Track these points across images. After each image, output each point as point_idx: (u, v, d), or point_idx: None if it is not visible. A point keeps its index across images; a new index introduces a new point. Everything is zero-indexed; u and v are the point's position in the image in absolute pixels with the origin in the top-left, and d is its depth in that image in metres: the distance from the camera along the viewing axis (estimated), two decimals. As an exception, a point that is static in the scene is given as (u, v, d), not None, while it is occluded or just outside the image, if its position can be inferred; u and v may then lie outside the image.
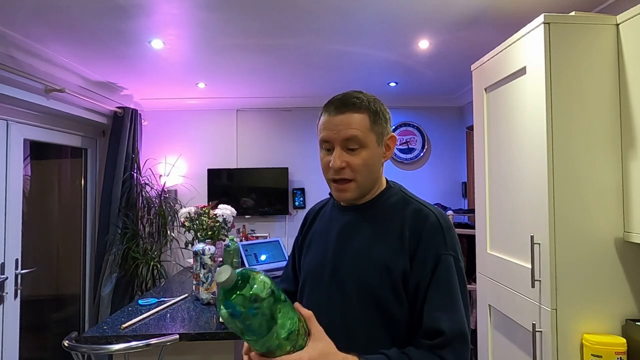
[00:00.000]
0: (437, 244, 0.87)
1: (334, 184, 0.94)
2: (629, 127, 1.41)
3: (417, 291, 0.86)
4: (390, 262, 0.87)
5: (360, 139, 0.90)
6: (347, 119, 0.90)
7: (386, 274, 0.87)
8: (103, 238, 3.41)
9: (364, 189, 0.94)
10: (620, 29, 1.44)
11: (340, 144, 0.90)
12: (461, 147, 4.05)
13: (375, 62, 2.91)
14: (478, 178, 2.01)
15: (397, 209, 0.94)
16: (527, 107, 1.56)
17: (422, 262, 0.86)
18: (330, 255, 0.95)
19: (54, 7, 1.97)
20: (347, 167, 0.90)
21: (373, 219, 0.95)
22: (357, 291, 0.89)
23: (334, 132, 0.90)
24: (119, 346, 1.53)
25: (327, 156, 0.93)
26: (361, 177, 0.92)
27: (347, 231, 0.96)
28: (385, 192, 0.98)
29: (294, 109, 4.05)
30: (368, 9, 2.05)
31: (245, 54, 2.69)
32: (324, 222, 1.04)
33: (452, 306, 0.84)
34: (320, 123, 0.94)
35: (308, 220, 1.10)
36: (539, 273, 1.46)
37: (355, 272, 0.90)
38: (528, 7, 2.01)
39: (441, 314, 0.82)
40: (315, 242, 1.03)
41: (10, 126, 2.65)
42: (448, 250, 0.87)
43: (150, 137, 3.97)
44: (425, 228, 0.89)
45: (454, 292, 0.85)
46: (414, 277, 0.86)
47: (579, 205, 1.42)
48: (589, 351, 1.36)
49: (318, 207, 1.11)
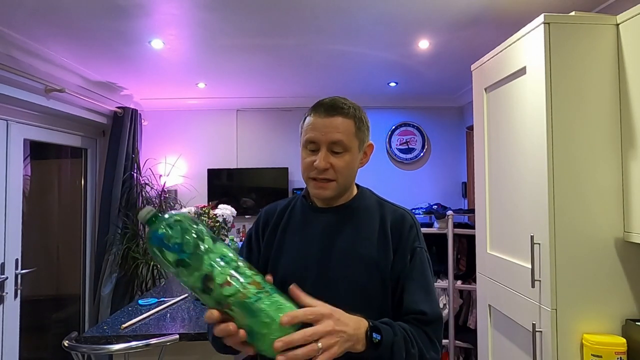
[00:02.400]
0: (412, 239, 0.99)
1: (313, 182, 0.97)
2: (629, 127, 1.41)
3: (398, 280, 0.95)
4: (377, 258, 0.95)
5: (345, 143, 0.95)
6: (336, 122, 0.94)
7: (375, 270, 0.94)
8: (103, 238, 3.41)
9: (341, 189, 0.99)
10: (620, 29, 1.44)
11: (326, 146, 0.94)
12: (461, 147, 4.05)
13: (375, 62, 2.91)
14: (478, 178, 2.01)
15: (374, 210, 1.02)
16: (527, 107, 1.56)
17: (402, 255, 0.97)
18: (315, 256, 0.97)
19: (54, 7, 1.97)
20: (330, 168, 0.95)
21: (354, 220, 1.00)
22: (348, 289, 0.93)
23: (322, 133, 0.94)
24: (119, 346, 1.53)
25: (311, 156, 0.96)
26: (342, 179, 0.97)
27: (330, 231, 0.99)
28: (361, 195, 1.06)
29: (294, 109, 4.04)
30: (368, 9, 2.05)
31: (245, 54, 2.69)
32: (295, 224, 1.03)
33: (429, 291, 0.95)
34: (307, 124, 0.98)
35: (269, 221, 1.07)
36: (539, 273, 1.46)
37: (345, 271, 0.94)
38: (528, 7, 2.01)
39: (421, 298, 0.93)
40: (289, 242, 1.01)
41: (10, 126, 2.65)
42: (420, 244, 1.00)
43: (150, 137, 3.97)
44: (404, 226, 0.99)
45: (429, 280, 0.97)
46: (396, 269, 0.96)
47: (579, 205, 1.42)
48: (589, 351, 1.36)
49: (280, 208, 1.08)
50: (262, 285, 0.72)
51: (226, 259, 0.71)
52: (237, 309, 0.69)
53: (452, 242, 3.04)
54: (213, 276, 0.68)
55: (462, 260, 3.20)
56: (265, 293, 0.72)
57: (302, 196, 1.08)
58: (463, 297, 3.19)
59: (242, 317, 0.69)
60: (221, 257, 0.71)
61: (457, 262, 3.17)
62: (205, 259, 0.69)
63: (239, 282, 0.70)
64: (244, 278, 0.71)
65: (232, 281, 0.69)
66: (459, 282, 3.08)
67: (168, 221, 0.69)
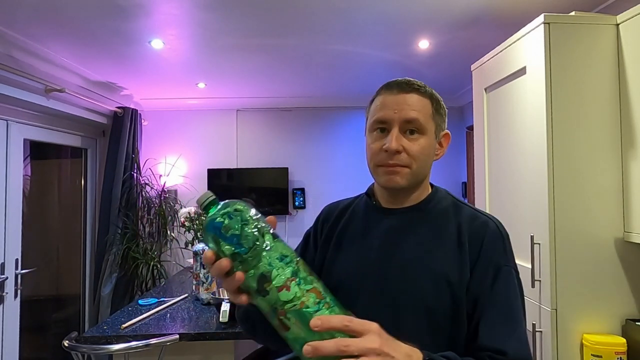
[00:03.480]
0: (498, 254, 0.80)
1: (382, 168, 0.82)
2: (629, 127, 1.41)
3: (475, 306, 0.76)
4: (450, 273, 0.77)
5: (421, 123, 0.81)
6: (411, 99, 0.82)
7: (446, 287, 0.77)
8: (103, 238, 3.41)
9: (415, 180, 0.83)
10: (620, 29, 1.44)
11: (399, 125, 0.80)
12: (461, 147, 4.05)
13: (375, 62, 2.91)
14: (478, 178, 2.01)
15: (450, 214, 0.84)
16: (527, 107, 1.56)
17: (482, 273, 0.77)
18: (374, 263, 0.82)
19: (54, 7, 1.97)
20: (403, 152, 0.80)
21: (424, 224, 0.84)
22: (411, 306, 0.77)
23: (395, 111, 0.80)
24: (119, 346, 1.53)
25: (380, 139, 0.82)
26: (416, 166, 0.81)
27: (393, 236, 0.83)
28: (434, 195, 0.88)
29: (294, 109, 4.05)
30: (368, 9, 2.05)
31: (245, 54, 2.69)
32: (357, 224, 0.89)
33: (515, 324, 0.75)
34: (376, 104, 0.84)
35: (330, 218, 0.94)
36: (539, 273, 1.46)
37: (410, 284, 0.78)
38: (528, 7, 2.01)
39: (503, 333, 0.73)
40: (347, 245, 0.88)
41: (10, 126, 2.65)
42: (509, 262, 0.80)
43: (150, 137, 3.97)
44: (487, 237, 0.80)
45: (516, 309, 0.77)
46: (473, 290, 0.77)
47: (579, 205, 1.42)
48: (589, 351, 1.36)
49: (342, 206, 0.95)
50: (323, 295, 0.64)
51: (286, 260, 0.64)
52: (294, 317, 0.61)
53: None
54: (271, 277, 0.62)
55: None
56: (326, 304, 0.62)
57: (366, 194, 0.94)
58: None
59: (297, 328, 0.61)
60: (281, 256, 0.64)
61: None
62: (264, 256, 0.63)
63: (298, 287, 0.62)
64: (304, 284, 0.63)
65: (291, 285, 0.62)
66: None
67: (228, 209, 0.64)
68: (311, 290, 0.63)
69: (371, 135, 0.84)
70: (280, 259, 0.63)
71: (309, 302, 0.61)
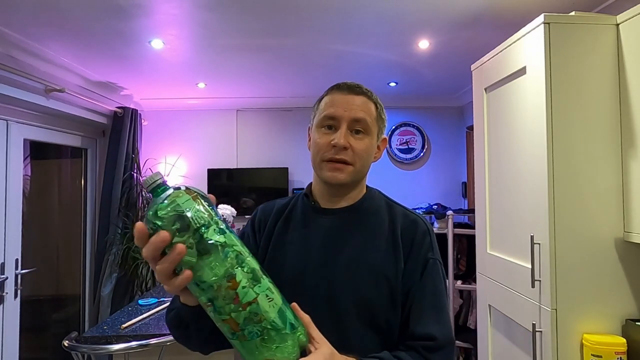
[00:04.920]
0: (426, 248, 0.87)
1: (328, 164, 0.86)
2: (629, 127, 1.41)
3: (407, 295, 0.84)
4: (387, 268, 0.84)
5: (368, 124, 0.87)
6: (359, 100, 0.87)
7: (384, 282, 0.83)
8: (103, 238, 3.41)
9: (356, 178, 0.88)
10: (620, 29, 1.44)
11: (347, 123, 0.85)
12: (461, 147, 4.05)
13: (375, 62, 2.91)
14: (478, 178, 2.01)
15: (383, 213, 0.91)
16: (527, 107, 1.56)
17: (413, 267, 0.85)
18: (316, 264, 0.85)
19: (54, 7, 1.97)
20: (350, 148, 0.85)
21: (361, 223, 0.89)
22: (354, 303, 0.82)
23: (345, 109, 0.85)
24: (119, 346, 1.53)
25: (327, 135, 0.86)
26: (359, 164, 0.87)
27: (333, 236, 0.87)
28: (369, 196, 0.94)
29: (294, 109, 4.05)
30: (368, 9, 2.05)
31: (245, 54, 2.69)
32: (296, 223, 0.92)
33: (441, 311, 0.83)
34: (325, 102, 0.89)
35: (267, 217, 0.95)
36: (539, 273, 1.46)
37: (352, 283, 0.83)
38: (528, 7, 2.01)
39: (431, 319, 0.81)
40: (287, 244, 0.89)
41: (10, 126, 2.65)
42: (435, 255, 0.88)
43: (150, 137, 3.97)
44: (417, 233, 0.88)
45: (441, 297, 0.85)
46: (406, 282, 0.84)
47: (579, 205, 1.42)
48: (589, 351, 1.36)
49: (278, 205, 0.97)
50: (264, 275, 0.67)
51: (239, 260, 0.64)
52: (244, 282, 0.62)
53: (452, 242, 3.04)
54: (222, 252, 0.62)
55: (462, 260, 3.20)
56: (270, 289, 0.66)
57: (303, 194, 0.96)
58: (463, 297, 3.20)
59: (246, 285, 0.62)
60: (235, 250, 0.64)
61: (457, 262, 3.18)
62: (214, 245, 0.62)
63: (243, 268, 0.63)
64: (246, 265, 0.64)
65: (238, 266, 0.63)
66: (459, 282, 3.08)
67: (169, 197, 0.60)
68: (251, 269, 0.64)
69: (319, 131, 0.88)
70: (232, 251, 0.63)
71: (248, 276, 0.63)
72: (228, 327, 0.62)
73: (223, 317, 0.62)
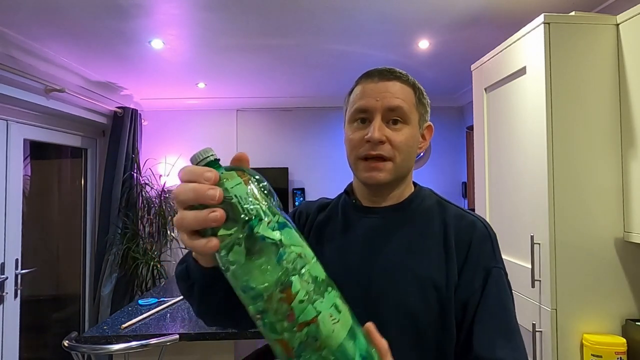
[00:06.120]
0: (487, 255, 0.75)
1: (364, 162, 0.76)
2: (629, 127, 1.41)
3: (464, 311, 0.71)
4: (436, 276, 0.72)
5: (405, 112, 0.75)
6: (394, 87, 0.76)
7: (433, 293, 0.71)
8: (103, 238, 3.41)
9: (399, 175, 0.77)
10: (620, 29, 1.44)
11: (381, 114, 0.75)
12: (461, 147, 4.05)
13: (375, 62, 2.91)
14: (478, 178, 2.01)
15: (435, 214, 0.79)
16: (527, 107, 1.56)
17: (471, 276, 0.72)
18: (355, 267, 0.75)
19: (54, 7, 1.97)
20: (387, 142, 0.74)
21: (408, 224, 0.78)
22: (395, 313, 0.71)
23: (376, 99, 0.75)
24: (119, 346, 1.53)
25: (360, 130, 0.76)
26: (400, 159, 0.75)
27: (375, 238, 0.77)
28: (418, 194, 0.83)
29: (294, 109, 4.05)
30: (368, 9, 2.05)
31: (245, 54, 2.69)
32: (336, 222, 0.83)
33: (509, 330, 0.70)
34: (356, 92, 0.79)
35: (309, 212, 0.87)
36: (539, 273, 1.46)
37: (393, 289, 0.72)
38: (528, 7, 2.01)
39: (498, 340, 0.68)
40: (326, 244, 0.80)
41: (10, 126, 2.65)
42: (498, 263, 0.75)
43: (150, 137, 3.97)
44: (475, 237, 0.75)
45: (509, 313, 0.72)
46: (462, 294, 0.71)
47: (579, 205, 1.42)
48: (589, 351, 1.36)
49: (320, 203, 0.89)
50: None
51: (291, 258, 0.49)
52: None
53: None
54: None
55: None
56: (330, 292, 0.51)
57: (344, 192, 0.87)
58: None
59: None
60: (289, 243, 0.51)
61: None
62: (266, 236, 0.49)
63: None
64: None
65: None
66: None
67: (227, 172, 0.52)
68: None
69: (351, 127, 0.78)
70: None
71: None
72: (280, 350, 0.47)
73: (275, 336, 0.47)
